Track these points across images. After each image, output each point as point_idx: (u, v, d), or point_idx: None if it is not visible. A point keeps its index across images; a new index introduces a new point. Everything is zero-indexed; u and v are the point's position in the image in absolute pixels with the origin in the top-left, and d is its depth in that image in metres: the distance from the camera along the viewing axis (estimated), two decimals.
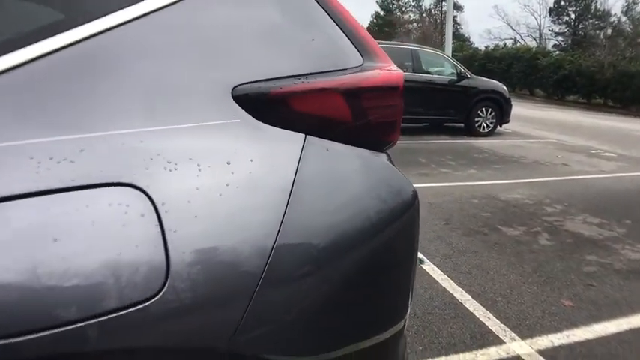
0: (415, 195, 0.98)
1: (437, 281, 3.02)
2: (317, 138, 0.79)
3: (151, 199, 0.60)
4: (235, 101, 0.72)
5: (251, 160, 0.70)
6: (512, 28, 44.53)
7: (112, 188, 0.59)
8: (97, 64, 0.66)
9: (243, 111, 0.72)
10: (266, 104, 0.74)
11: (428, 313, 2.63)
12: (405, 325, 1.03)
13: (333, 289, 0.76)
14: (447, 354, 2.24)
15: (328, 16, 0.86)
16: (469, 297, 2.82)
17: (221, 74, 0.73)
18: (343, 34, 0.88)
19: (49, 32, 0.64)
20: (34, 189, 0.55)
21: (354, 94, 0.84)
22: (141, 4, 0.70)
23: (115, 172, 0.60)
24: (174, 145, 0.65)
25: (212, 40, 0.76)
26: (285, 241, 0.68)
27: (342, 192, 0.80)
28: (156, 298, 0.57)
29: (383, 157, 0.95)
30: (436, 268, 3.22)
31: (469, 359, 2.21)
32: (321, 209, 0.75)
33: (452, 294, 2.85)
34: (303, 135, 0.77)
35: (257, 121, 0.73)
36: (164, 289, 0.57)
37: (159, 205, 0.60)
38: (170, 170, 0.63)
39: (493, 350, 2.29)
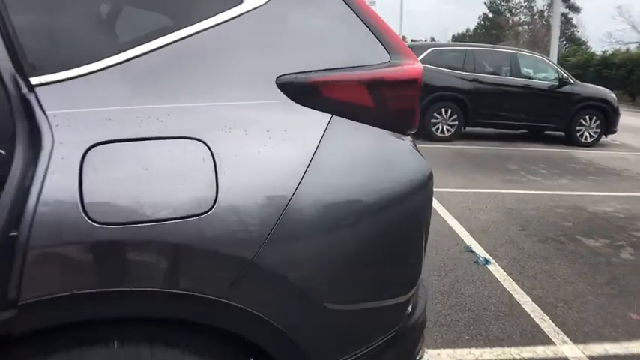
0: (429, 176, 1.17)
1: (499, 281, 3.07)
2: (342, 118, 1.03)
3: (210, 149, 0.88)
4: (278, 87, 0.98)
5: (285, 130, 0.96)
6: (637, 31, 40.20)
7: (186, 140, 0.88)
8: (192, 57, 0.96)
9: (283, 94, 0.98)
10: (301, 90, 1.00)
11: (482, 308, 2.71)
12: (410, 299, 1.20)
13: (341, 236, 0.99)
14: (492, 346, 2.33)
15: (361, 22, 1.09)
16: (528, 299, 2.84)
17: (270, 67, 0.99)
18: (374, 36, 1.10)
19: (162, 33, 0.95)
20: (136, 135, 0.86)
21: (376, 85, 1.06)
22: (222, 13, 0.98)
23: (189, 130, 0.89)
24: (230, 115, 0.93)
25: (268, 40, 1.03)
26: (305, 189, 0.93)
27: (357, 160, 1.03)
28: (207, 214, 0.85)
29: (403, 139, 1.15)
30: (501, 270, 3.25)
31: (514, 354, 2.28)
32: (337, 169, 0.99)
33: (511, 294, 2.89)
34: (330, 115, 1.01)
35: (293, 102, 0.98)
36: (213, 209, 0.85)
37: (215, 155, 0.88)
38: (225, 132, 0.91)
39: (540, 349, 2.34)
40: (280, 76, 0.98)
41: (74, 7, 1.02)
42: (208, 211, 0.85)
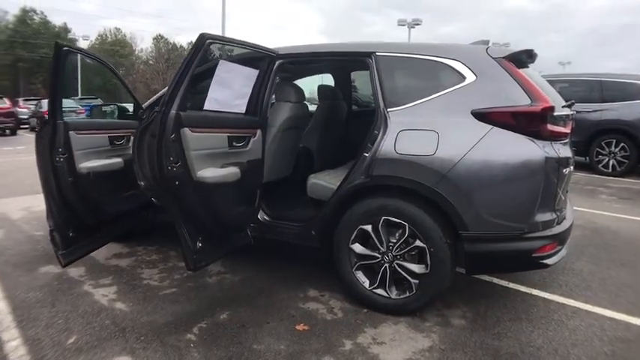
0: (544, 159, 2.51)
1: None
2: (498, 128, 2.53)
3: (438, 134, 2.56)
4: (471, 114, 2.57)
5: (470, 129, 2.55)
6: None
7: (427, 131, 2.59)
8: (445, 104, 2.67)
9: (472, 117, 2.56)
10: (480, 115, 2.55)
11: None
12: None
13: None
14: None
15: (516, 83, 2.55)
16: None
17: (469, 106, 2.59)
18: (522, 90, 2.54)
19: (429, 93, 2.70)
20: (413, 127, 2.63)
21: (518, 114, 2.51)
22: (457, 85, 2.65)
23: (431, 125, 2.59)
24: (450, 122, 2.59)
25: (471, 95, 2.63)
26: (462, 165, 2.50)
27: (503, 144, 2.50)
28: (432, 156, 2.54)
29: (533, 140, 2.53)
30: None
31: None
32: (493, 147, 2.50)
33: None
34: (491, 126, 2.53)
35: (476, 120, 2.55)
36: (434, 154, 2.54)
37: (440, 136, 2.55)
38: (446, 128, 2.57)
39: None
40: (473, 109, 2.57)
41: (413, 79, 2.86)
42: (432, 154, 2.53)
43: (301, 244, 3.11)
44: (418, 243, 2.67)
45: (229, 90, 2.64)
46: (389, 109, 2.75)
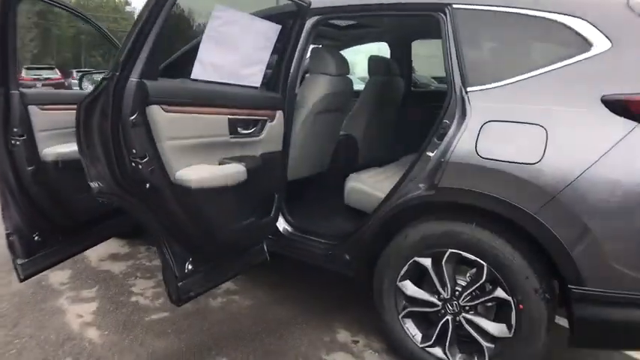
0: None
1: None
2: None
3: (546, 131, 1.63)
4: (602, 102, 1.62)
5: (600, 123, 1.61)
6: None
7: (531, 125, 1.67)
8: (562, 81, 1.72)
9: (604, 106, 1.61)
10: (617, 105, 1.59)
11: None
12: None
13: None
14: None
15: None
16: None
17: (602, 88, 1.63)
18: None
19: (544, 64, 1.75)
20: (505, 119, 1.71)
21: None
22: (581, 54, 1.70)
23: (536, 119, 1.67)
24: (567, 112, 1.65)
25: (606, 77, 1.67)
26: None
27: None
28: (536, 164, 1.62)
29: None
30: None
31: None
32: (626, 171, 1.55)
33: None
34: (636, 122, 1.57)
35: (610, 112, 1.60)
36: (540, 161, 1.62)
37: (549, 137, 1.63)
38: (556, 121, 1.64)
39: None
40: (606, 95, 1.62)
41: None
42: (537, 163, 1.61)
43: (331, 269, 2.30)
44: (500, 293, 1.78)
45: (233, 52, 1.82)
46: (469, 89, 1.84)
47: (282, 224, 2.42)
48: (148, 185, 1.61)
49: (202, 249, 1.95)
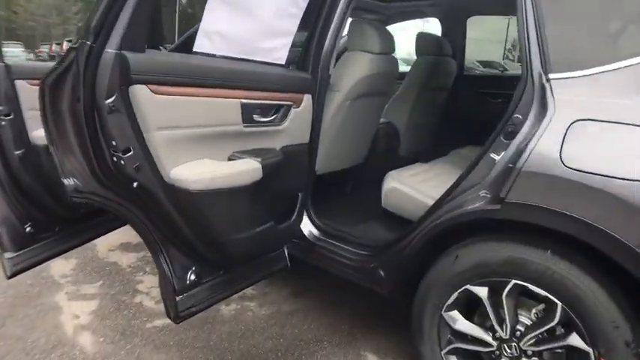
0: None
1: None
2: None
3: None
4: None
5: None
6: None
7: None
8: None
9: None
10: None
11: None
12: None
13: None
14: None
15: None
16: None
17: None
18: None
19: None
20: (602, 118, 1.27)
21: None
22: None
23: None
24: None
25: None
26: None
27: None
28: None
29: None
30: None
31: None
32: None
33: None
34: None
35: None
36: None
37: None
38: None
39: None
40: None
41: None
42: None
43: (361, 284, 1.94)
44: (576, 341, 1.37)
45: (250, 19, 1.44)
46: (553, 76, 1.39)
47: (306, 226, 2.06)
48: (134, 184, 1.28)
49: (208, 258, 1.63)
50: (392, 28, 3.74)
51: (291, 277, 2.50)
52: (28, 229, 2.00)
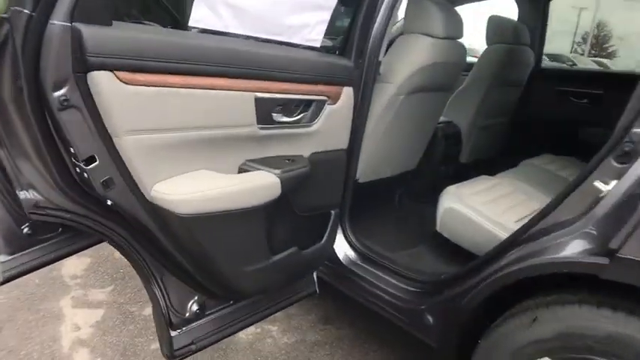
0: None
1: None
2: None
3: None
4: None
5: None
6: None
7: None
8: None
9: None
10: None
11: None
12: None
13: None
14: None
15: None
16: None
17: None
18: None
19: None
20: None
21: None
22: None
23: None
24: None
25: None
26: None
27: None
28: None
29: None
30: None
31: None
32: None
33: None
34: None
35: None
36: None
37: None
38: None
39: None
40: None
41: None
42: None
43: (403, 327, 1.55)
44: None
45: None
46: None
47: (341, 246, 1.70)
48: (109, 202, 0.97)
49: (213, 289, 1.31)
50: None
51: (321, 298, 2.15)
52: (25, 230, 1.76)
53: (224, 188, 1.04)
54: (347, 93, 1.35)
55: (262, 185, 1.12)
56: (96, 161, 0.89)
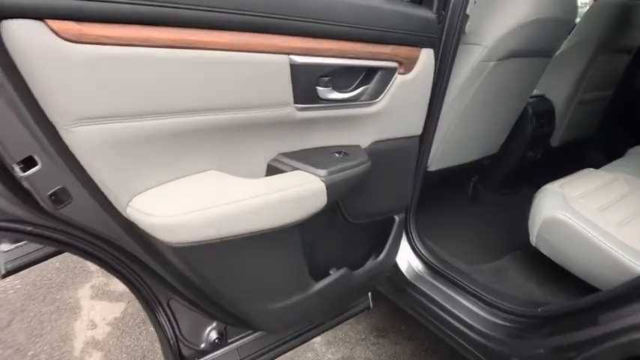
0: None
1: None
2: None
3: None
4: None
5: None
6: None
7: None
8: None
9: None
10: None
11: None
12: None
13: None
14: None
15: None
16: None
17: None
18: None
19: None
20: None
21: None
22: None
23: None
24: None
25: None
26: None
27: None
28: None
29: None
30: None
31: None
32: None
33: None
34: None
35: None
36: None
37: None
38: None
39: None
40: None
41: None
42: None
43: None
44: None
45: None
46: None
47: (405, 255, 1.34)
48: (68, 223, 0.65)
49: (230, 322, 0.99)
50: None
51: (374, 304, 1.81)
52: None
53: (238, 203, 0.69)
54: (426, 58, 0.95)
55: (299, 195, 0.76)
56: (37, 165, 0.56)
